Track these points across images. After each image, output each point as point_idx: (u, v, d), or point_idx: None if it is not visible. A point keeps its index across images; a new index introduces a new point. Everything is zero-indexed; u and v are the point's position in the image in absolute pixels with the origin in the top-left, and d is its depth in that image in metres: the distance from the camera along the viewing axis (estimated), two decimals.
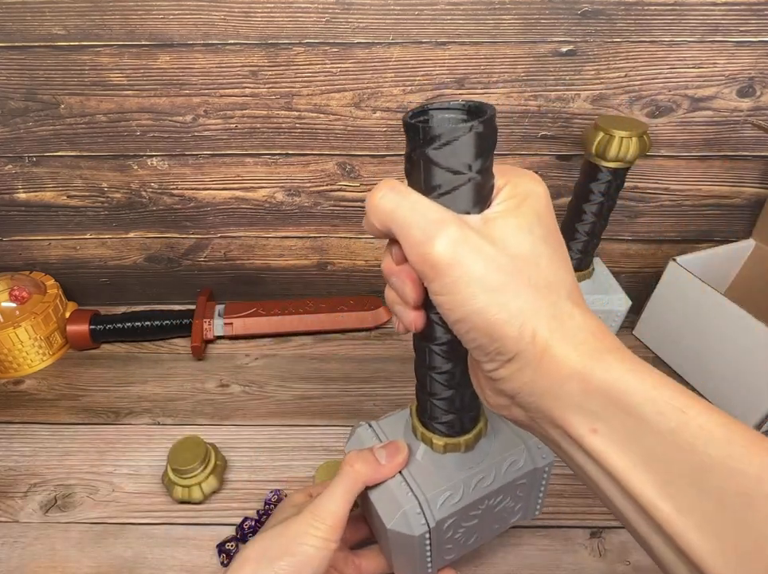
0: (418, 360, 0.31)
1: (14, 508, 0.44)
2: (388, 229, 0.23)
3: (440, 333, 0.28)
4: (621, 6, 0.46)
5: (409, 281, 0.25)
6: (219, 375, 0.57)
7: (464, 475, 0.32)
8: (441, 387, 0.30)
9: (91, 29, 0.48)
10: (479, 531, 0.35)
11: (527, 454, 0.34)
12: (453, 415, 0.32)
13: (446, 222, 0.22)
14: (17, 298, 0.57)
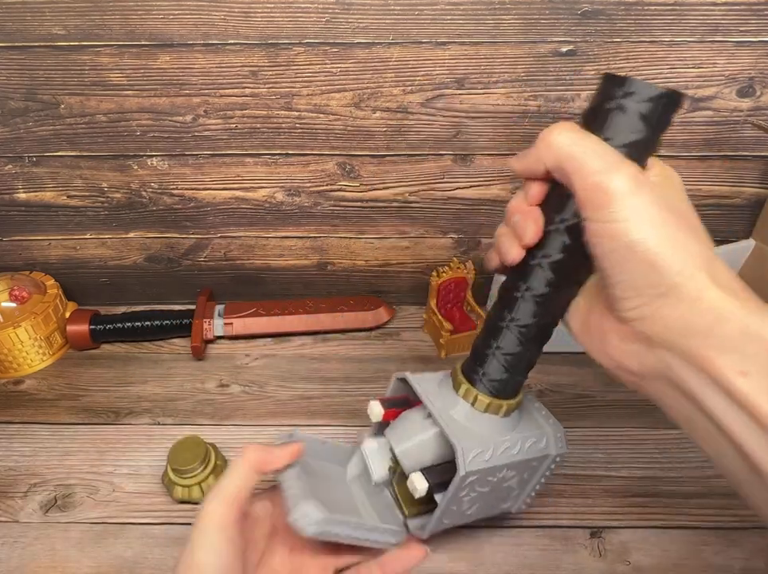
0: (498, 310, 0.32)
1: (14, 508, 0.44)
2: (557, 161, 0.25)
3: (537, 280, 0.29)
4: (621, 6, 0.46)
5: (533, 222, 0.28)
6: (219, 375, 0.57)
7: (495, 439, 0.34)
8: (514, 341, 0.32)
9: (91, 29, 0.48)
10: (480, 503, 0.36)
11: (547, 439, 0.36)
12: (509, 375, 0.33)
13: (627, 161, 0.24)
14: (17, 298, 0.57)
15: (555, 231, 0.28)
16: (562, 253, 0.28)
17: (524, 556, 0.41)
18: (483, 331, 0.34)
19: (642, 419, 0.52)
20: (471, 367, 0.34)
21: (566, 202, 0.27)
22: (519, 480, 0.36)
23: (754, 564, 0.41)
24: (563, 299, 0.31)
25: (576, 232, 0.27)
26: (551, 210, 0.28)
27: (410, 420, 0.36)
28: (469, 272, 0.59)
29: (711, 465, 0.47)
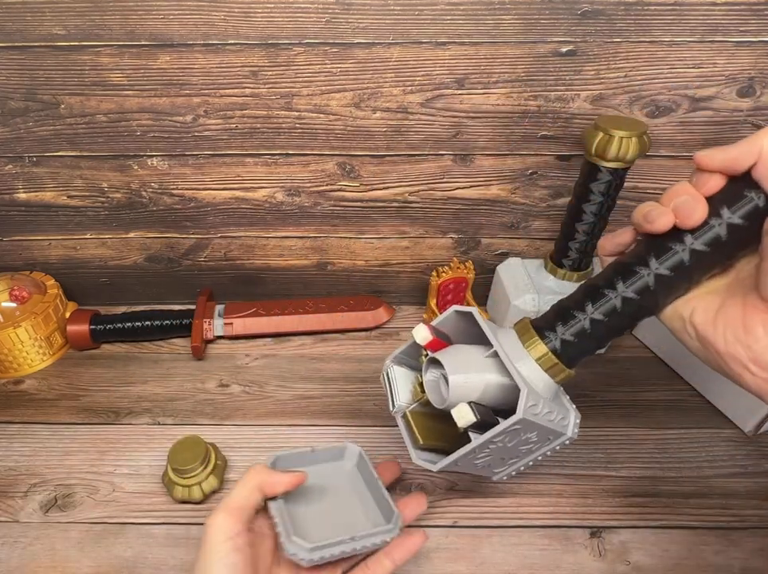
0: (609, 278, 0.32)
1: (14, 508, 0.44)
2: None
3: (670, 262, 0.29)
4: (620, 6, 0.46)
5: (702, 206, 0.28)
6: (219, 375, 0.57)
7: (545, 398, 0.34)
8: (612, 312, 0.32)
9: (91, 29, 0.48)
10: (492, 456, 0.36)
11: (569, 420, 0.37)
12: (586, 343, 0.33)
13: None
14: (18, 298, 0.57)
15: (716, 224, 0.28)
16: (709, 246, 0.28)
17: (524, 556, 0.41)
18: (579, 294, 0.34)
19: (642, 419, 0.52)
20: (548, 323, 0.34)
21: (739, 200, 0.27)
22: (526, 446, 0.36)
23: (754, 564, 0.41)
24: (680, 289, 0.31)
25: (734, 232, 0.28)
26: (719, 202, 0.28)
27: (472, 354, 0.36)
28: (469, 272, 0.59)
29: (711, 465, 0.48)
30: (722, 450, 0.49)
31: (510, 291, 0.56)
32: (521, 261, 0.60)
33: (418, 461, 0.37)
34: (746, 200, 0.27)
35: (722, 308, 0.28)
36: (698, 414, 0.53)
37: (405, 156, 0.55)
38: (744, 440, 0.50)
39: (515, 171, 0.56)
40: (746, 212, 0.27)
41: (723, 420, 0.52)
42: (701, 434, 0.51)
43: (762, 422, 0.49)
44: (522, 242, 0.63)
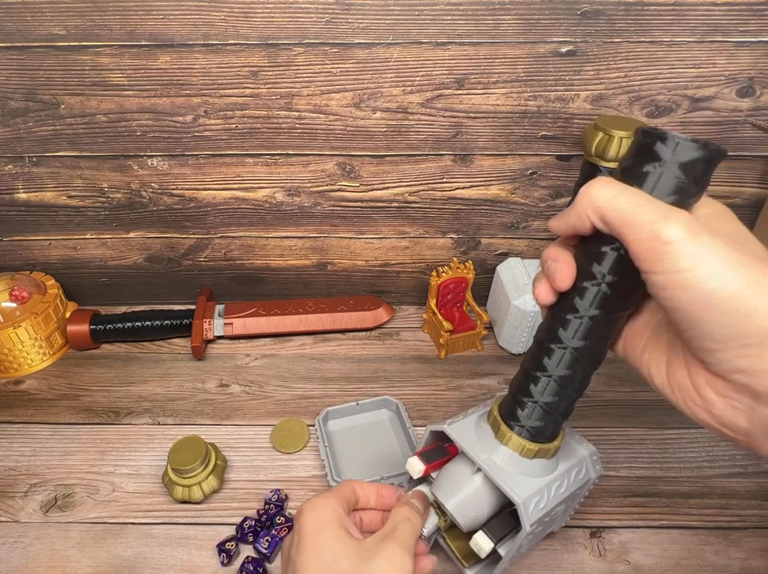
0: (537, 359, 0.32)
1: (14, 508, 0.44)
2: (602, 215, 0.24)
3: (572, 332, 0.29)
4: (620, 6, 0.46)
5: (566, 266, 0.28)
6: (219, 375, 0.57)
7: (546, 481, 0.34)
8: (556, 390, 0.31)
9: (91, 29, 0.48)
10: (533, 540, 0.36)
11: (586, 465, 0.36)
12: (553, 421, 0.33)
13: (676, 208, 0.23)
14: (18, 298, 0.57)
15: (596, 285, 0.28)
16: (600, 308, 0.28)
17: (524, 555, 0.41)
18: (521, 377, 0.33)
19: (642, 419, 0.52)
20: (511, 413, 0.34)
21: (603, 257, 0.27)
22: (564, 508, 0.37)
23: (753, 563, 0.41)
24: (602, 347, 0.31)
25: (616, 286, 0.27)
26: (591, 260, 0.28)
27: (457, 473, 0.35)
28: (469, 272, 0.59)
29: (711, 465, 0.48)
30: (722, 450, 0.49)
31: (510, 291, 0.56)
32: (521, 261, 0.60)
33: None
34: (609, 256, 0.27)
35: (670, 367, 0.27)
36: None
37: (405, 156, 0.55)
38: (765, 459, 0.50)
39: (515, 171, 0.57)
40: (614, 266, 0.27)
41: None
42: (701, 434, 0.51)
43: None
44: (522, 242, 0.63)
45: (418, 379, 0.57)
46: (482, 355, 0.60)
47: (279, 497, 0.44)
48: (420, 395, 0.55)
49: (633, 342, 0.29)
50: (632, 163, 0.26)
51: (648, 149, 0.25)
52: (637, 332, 0.29)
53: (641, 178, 0.25)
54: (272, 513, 0.42)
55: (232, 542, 0.41)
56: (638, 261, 0.23)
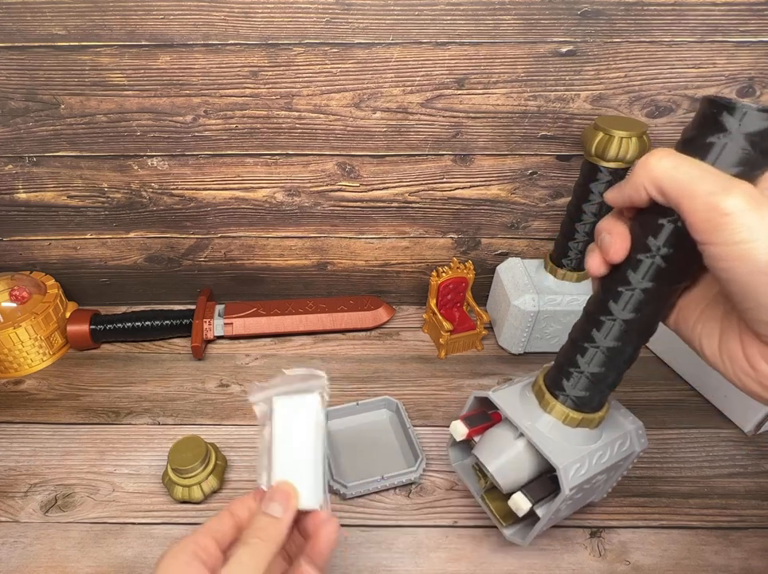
0: (585, 330, 0.32)
1: (14, 508, 0.44)
2: (661, 187, 0.24)
3: (627, 303, 0.29)
4: (620, 6, 0.46)
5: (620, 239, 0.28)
6: (219, 375, 0.57)
7: (588, 450, 0.34)
8: (602, 361, 0.32)
9: (91, 29, 0.48)
10: (572, 507, 0.37)
11: (630, 438, 0.37)
12: (597, 392, 0.33)
13: (738, 180, 0.23)
14: (18, 298, 0.57)
15: (650, 258, 0.28)
16: (654, 280, 0.28)
17: (524, 556, 0.41)
18: (569, 348, 0.34)
19: (642, 419, 0.52)
20: (556, 382, 0.34)
21: (659, 229, 0.27)
22: (606, 478, 0.37)
23: (754, 564, 0.41)
24: (653, 320, 0.31)
25: (671, 259, 0.27)
26: (646, 232, 0.28)
27: (499, 437, 0.36)
28: (469, 272, 0.59)
29: (711, 465, 0.48)
30: (722, 450, 0.49)
31: (510, 291, 0.56)
32: (521, 261, 0.60)
33: (510, 538, 0.38)
34: (666, 228, 0.27)
35: (723, 339, 0.27)
36: (698, 414, 0.53)
37: (405, 156, 0.55)
38: (744, 440, 0.50)
39: (515, 171, 0.57)
40: (670, 239, 0.27)
41: (723, 420, 0.52)
42: (701, 434, 0.51)
43: (762, 422, 0.49)
44: (522, 242, 0.63)
45: (418, 379, 0.57)
46: (482, 355, 0.60)
47: None
48: (420, 395, 0.55)
49: (687, 314, 0.29)
50: (695, 134, 0.25)
51: (713, 119, 0.24)
52: (692, 303, 0.29)
53: (704, 149, 0.25)
54: None
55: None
56: (695, 233, 0.23)
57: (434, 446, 0.49)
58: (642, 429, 0.38)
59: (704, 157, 0.25)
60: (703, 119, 0.25)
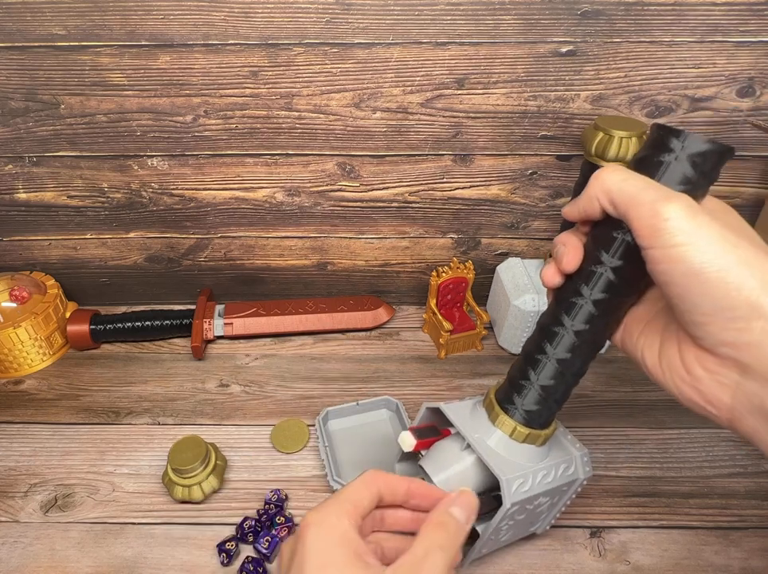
0: (537, 342, 0.33)
1: (14, 508, 0.44)
2: (611, 197, 0.26)
3: (578, 315, 0.31)
4: (620, 6, 0.46)
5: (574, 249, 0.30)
6: (219, 375, 0.57)
7: (533, 468, 0.35)
8: (554, 374, 0.32)
9: (91, 29, 0.48)
10: (514, 529, 0.37)
11: (575, 464, 0.37)
12: (547, 407, 0.34)
13: (680, 193, 0.25)
14: (18, 298, 0.57)
15: (602, 270, 0.29)
16: (606, 292, 0.29)
17: (524, 555, 0.41)
18: (520, 361, 0.34)
19: (642, 419, 0.52)
20: (507, 397, 0.34)
21: (611, 243, 0.29)
22: (549, 504, 0.37)
23: (753, 563, 0.41)
24: (603, 333, 0.32)
25: (621, 273, 0.29)
26: (598, 246, 0.29)
27: (447, 450, 0.36)
28: (469, 272, 0.59)
29: (711, 465, 0.48)
30: (722, 450, 0.49)
31: (510, 291, 0.56)
32: (521, 261, 0.60)
33: None
34: (617, 241, 0.28)
35: (662, 349, 0.28)
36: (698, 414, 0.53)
37: (405, 156, 0.55)
38: (744, 440, 0.50)
39: (515, 171, 0.57)
40: (621, 252, 0.28)
41: None
42: (701, 434, 0.51)
43: None
44: (522, 242, 0.63)
45: (418, 379, 0.57)
46: (482, 355, 0.60)
47: (279, 497, 0.44)
48: (420, 395, 0.55)
49: (631, 329, 0.31)
50: (645, 154, 0.28)
51: (661, 141, 0.27)
52: (636, 319, 0.31)
53: (652, 167, 0.27)
54: (272, 513, 0.42)
55: (232, 542, 0.40)
56: (639, 238, 0.25)
57: None
58: (587, 456, 0.38)
59: (653, 174, 0.27)
60: (653, 141, 0.27)
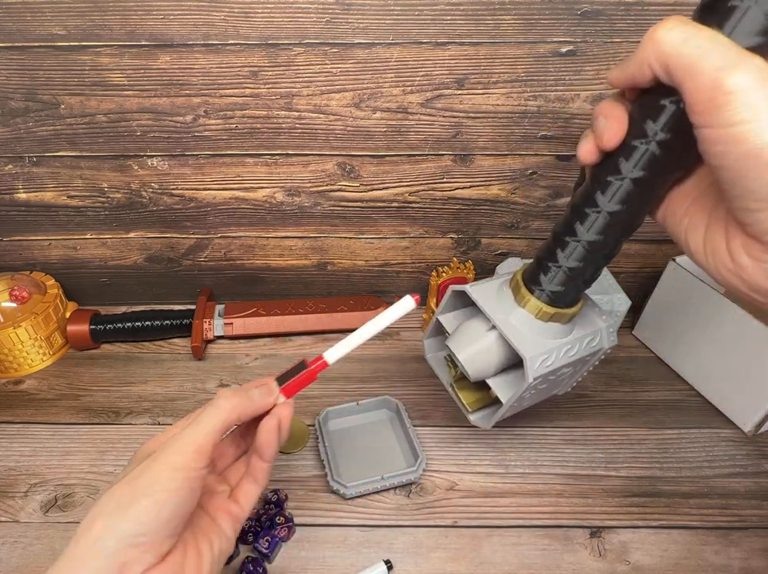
0: (568, 224, 0.32)
1: (14, 508, 0.44)
2: (665, 63, 0.22)
3: (614, 194, 0.28)
4: (620, 6, 0.46)
5: (617, 123, 0.26)
6: (219, 375, 0.57)
7: (558, 343, 0.35)
8: (582, 256, 0.31)
9: (91, 29, 0.48)
10: (537, 395, 0.38)
11: (600, 334, 0.37)
12: (573, 287, 0.33)
13: (751, 54, 0.21)
14: (18, 298, 0.57)
15: (646, 144, 0.26)
16: (647, 170, 0.27)
17: (524, 556, 0.41)
18: (549, 243, 0.33)
19: (642, 419, 0.52)
20: (534, 277, 0.34)
21: (659, 112, 0.25)
22: (572, 372, 0.38)
23: (754, 564, 0.41)
24: (639, 213, 0.30)
25: (667, 146, 0.25)
26: (643, 116, 0.26)
27: (472, 329, 0.37)
28: (469, 272, 0.59)
29: (711, 465, 0.48)
30: (722, 450, 0.49)
31: None
32: (521, 261, 0.60)
33: (475, 422, 0.40)
34: (666, 111, 0.24)
35: (708, 232, 0.26)
36: (698, 414, 0.53)
37: (405, 156, 0.55)
38: (744, 440, 0.50)
39: (515, 170, 0.57)
40: (670, 122, 0.25)
41: (723, 420, 0.52)
42: (701, 434, 0.51)
43: (762, 422, 0.49)
44: (522, 242, 0.63)
45: (418, 379, 0.57)
46: None
47: (279, 497, 0.44)
48: (420, 395, 0.55)
49: (676, 206, 0.28)
50: (711, 1, 0.23)
51: None
52: (682, 196, 0.28)
53: (723, 15, 0.22)
54: (272, 513, 0.42)
55: None
56: (693, 114, 0.22)
57: (434, 446, 0.49)
58: (613, 327, 0.38)
59: (722, 24, 0.22)
60: None
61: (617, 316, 0.56)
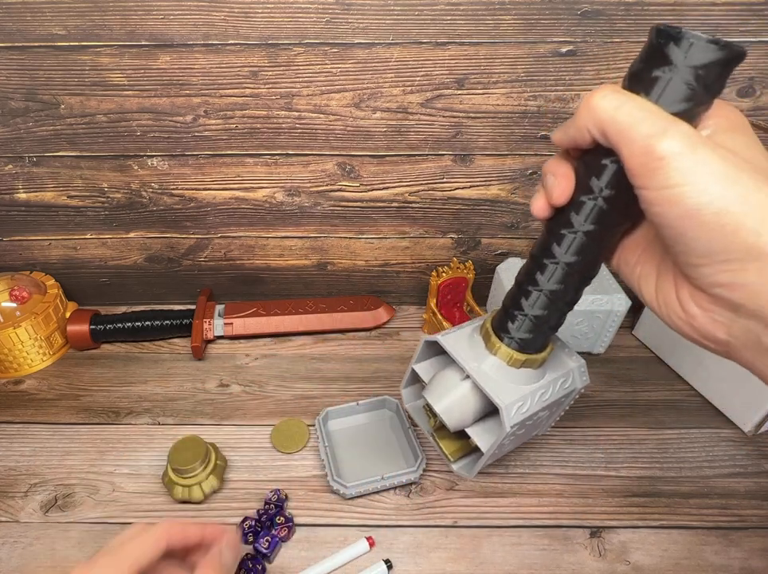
0: (529, 273, 0.32)
1: (14, 508, 0.44)
2: (602, 128, 0.23)
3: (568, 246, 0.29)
4: (620, 6, 0.46)
5: (564, 180, 0.27)
6: (219, 375, 0.57)
7: (531, 388, 0.35)
8: (546, 303, 0.32)
9: (91, 29, 0.48)
10: (517, 440, 0.39)
11: (573, 376, 0.38)
12: (541, 333, 0.34)
13: (678, 121, 0.22)
14: (18, 298, 0.57)
15: (593, 199, 0.27)
16: (596, 223, 0.28)
17: (524, 556, 0.41)
18: (514, 292, 0.34)
19: (642, 419, 0.52)
20: (502, 325, 0.35)
21: (602, 170, 0.26)
22: (548, 415, 0.39)
23: (754, 564, 0.41)
24: (594, 262, 0.31)
25: (612, 201, 0.26)
26: (589, 174, 0.27)
27: (447, 379, 0.37)
28: (469, 272, 0.59)
29: (711, 465, 0.48)
30: (722, 450, 0.49)
31: None
32: (521, 261, 0.60)
33: (458, 472, 0.41)
34: (608, 169, 0.26)
35: (659, 282, 0.27)
36: (698, 414, 0.53)
37: (405, 156, 0.55)
38: (744, 440, 0.50)
39: (515, 171, 0.57)
40: (612, 180, 0.26)
41: (723, 420, 0.52)
42: (701, 434, 0.51)
43: (762, 422, 0.49)
44: (522, 242, 0.63)
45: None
46: None
47: (279, 497, 0.44)
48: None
49: (628, 256, 0.29)
50: (641, 67, 0.24)
51: (660, 51, 0.23)
52: (633, 245, 0.29)
53: (649, 83, 0.24)
54: (272, 513, 0.42)
55: None
56: (631, 177, 0.23)
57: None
58: (584, 367, 0.38)
59: (649, 92, 0.24)
60: (650, 50, 0.24)
61: (617, 317, 0.56)
